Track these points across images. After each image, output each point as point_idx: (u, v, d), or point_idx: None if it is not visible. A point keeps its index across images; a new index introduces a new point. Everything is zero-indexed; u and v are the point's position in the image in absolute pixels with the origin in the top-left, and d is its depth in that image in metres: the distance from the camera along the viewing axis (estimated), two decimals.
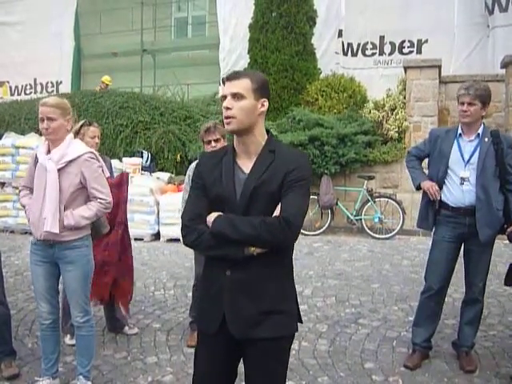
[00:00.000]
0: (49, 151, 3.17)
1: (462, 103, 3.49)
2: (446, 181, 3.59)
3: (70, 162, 3.12)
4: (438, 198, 3.59)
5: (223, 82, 2.05)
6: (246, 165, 2.03)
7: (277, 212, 1.97)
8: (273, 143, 2.07)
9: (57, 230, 3.05)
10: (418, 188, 3.75)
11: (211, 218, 1.99)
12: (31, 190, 3.27)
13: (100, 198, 3.17)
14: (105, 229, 3.48)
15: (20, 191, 3.38)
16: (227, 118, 1.98)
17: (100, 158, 3.30)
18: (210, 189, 2.04)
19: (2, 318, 3.55)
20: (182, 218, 2.09)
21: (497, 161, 3.50)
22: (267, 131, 2.10)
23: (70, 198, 3.12)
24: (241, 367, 2.17)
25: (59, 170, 3.09)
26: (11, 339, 3.69)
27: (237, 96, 1.98)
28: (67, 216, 3.09)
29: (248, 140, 2.03)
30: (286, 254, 2.08)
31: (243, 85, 1.99)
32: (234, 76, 2.02)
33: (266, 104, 2.05)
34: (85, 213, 3.14)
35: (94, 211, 3.16)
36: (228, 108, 1.98)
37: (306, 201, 2.04)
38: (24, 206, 3.29)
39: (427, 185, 3.62)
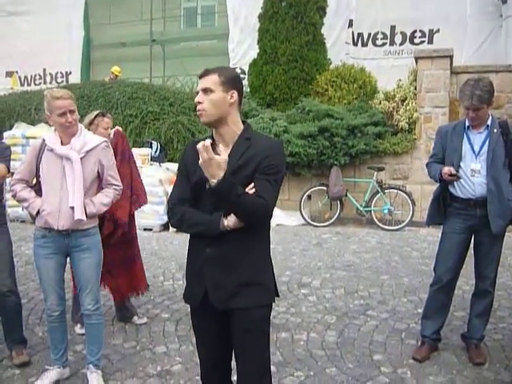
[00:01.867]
0: (62, 142, 3.16)
1: (468, 108, 3.44)
2: (458, 173, 3.54)
3: (90, 150, 3.18)
4: (455, 173, 3.47)
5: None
6: (223, 152, 2.16)
7: (250, 192, 2.12)
8: (249, 132, 2.23)
9: (85, 218, 3.10)
10: (441, 180, 3.59)
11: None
12: (27, 183, 3.26)
13: (115, 185, 3.30)
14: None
15: (13, 185, 3.24)
16: (198, 111, 2.17)
17: (111, 146, 3.41)
18: (192, 175, 2.21)
19: (13, 306, 3.59)
20: (167, 202, 2.34)
21: (506, 151, 3.47)
22: (244, 122, 2.27)
23: (88, 186, 3.18)
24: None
25: (80, 159, 3.13)
26: (22, 328, 3.73)
27: (206, 90, 2.15)
28: (89, 204, 3.14)
29: (223, 130, 2.20)
30: (260, 228, 2.25)
31: (211, 80, 2.16)
32: (204, 73, 2.19)
33: (235, 95, 2.19)
34: (103, 200, 3.23)
35: (111, 197, 3.28)
36: (199, 102, 2.16)
37: (278, 188, 2.21)
38: (25, 200, 3.19)
39: (445, 169, 3.51)
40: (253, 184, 2.12)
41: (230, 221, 2.12)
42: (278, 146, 2.25)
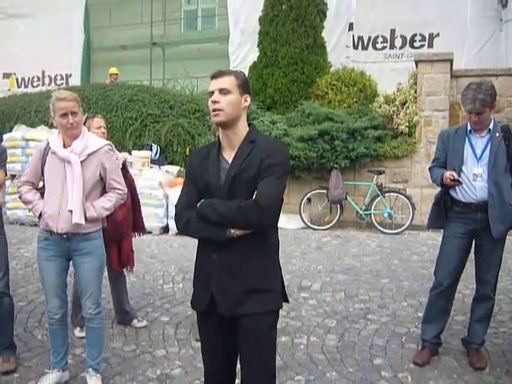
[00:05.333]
0: (64, 145, 3.15)
1: (470, 112, 3.43)
2: (459, 178, 3.54)
3: (91, 154, 3.15)
4: (457, 178, 3.47)
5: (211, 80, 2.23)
6: (229, 155, 2.22)
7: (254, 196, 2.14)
8: (254, 134, 2.25)
9: (83, 222, 3.08)
10: (443, 184, 3.58)
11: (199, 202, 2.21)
12: (33, 185, 3.26)
13: (118, 189, 3.25)
14: (105, 224, 3.49)
15: (19, 187, 3.25)
16: (215, 110, 2.16)
17: (116, 150, 3.37)
18: (199, 179, 2.23)
19: (5, 309, 3.54)
20: (175, 206, 2.30)
21: (508, 156, 3.46)
22: (249, 124, 2.28)
23: (89, 189, 3.15)
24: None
25: (81, 163, 3.10)
26: (13, 333, 3.66)
27: (224, 91, 2.17)
28: (89, 208, 3.12)
29: (231, 132, 2.21)
30: (268, 234, 2.23)
31: (229, 81, 2.18)
32: (219, 74, 2.20)
33: (249, 100, 2.24)
34: (105, 204, 3.20)
35: (113, 202, 3.23)
36: (216, 101, 2.16)
37: (280, 184, 2.17)
38: (30, 202, 3.20)
39: (446, 174, 3.51)
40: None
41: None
42: (280, 145, 2.30)
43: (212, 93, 2.18)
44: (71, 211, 3.06)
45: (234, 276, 2.16)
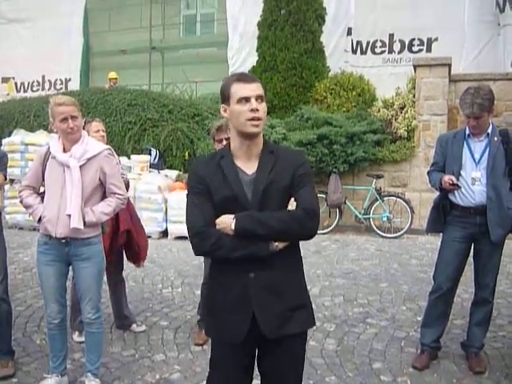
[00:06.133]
0: (64, 149, 3.16)
1: (468, 117, 3.44)
2: (458, 182, 3.54)
3: (91, 158, 3.15)
4: (456, 182, 3.48)
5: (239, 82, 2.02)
6: (246, 166, 2.05)
7: (291, 206, 2.03)
8: (271, 145, 2.13)
9: (82, 226, 3.07)
10: (441, 188, 3.59)
11: (227, 219, 1.98)
12: (34, 190, 3.26)
13: (118, 194, 3.23)
14: (106, 228, 3.49)
15: (21, 191, 3.26)
16: (256, 119, 1.97)
17: (116, 154, 3.35)
18: (216, 192, 2.02)
19: (4, 314, 3.53)
20: (191, 224, 2.02)
21: (507, 160, 3.47)
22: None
23: (89, 194, 3.14)
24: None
25: (80, 167, 3.10)
26: (11, 338, 3.65)
27: (260, 98, 2.00)
28: (88, 213, 3.11)
29: (255, 143, 2.05)
30: (298, 246, 2.13)
31: (261, 88, 2.02)
32: (252, 78, 2.03)
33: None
34: (105, 209, 3.18)
35: (113, 207, 3.22)
36: (256, 109, 1.97)
37: (315, 192, 2.10)
38: (30, 206, 3.21)
39: (445, 178, 3.51)
40: (292, 199, 2.03)
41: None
42: (303, 154, 2.20)
43: (247, 99, 1.97)
44: (69, 215, 3.06)
45: (276, 294, 2.01)
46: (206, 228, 1.99)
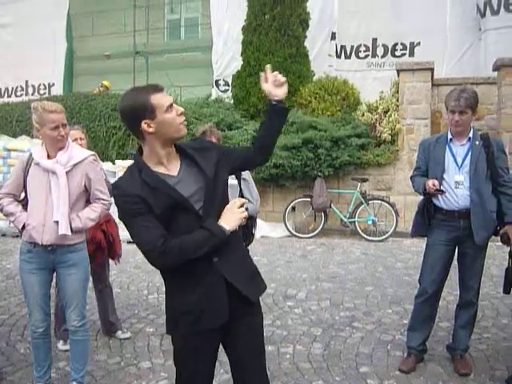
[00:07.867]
0: (48, 156, 3.13)
1: (453, 112, 3.47)
2: (441, 186, 3.57)
3: (76, 164, 3.14)
4: (440, 188, 3.51)
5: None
6: (169, 170, 2.08)
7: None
8: (176, 144, 2.16)
9: (70, 233, 3.06)
10: (425, 193, 3.60)
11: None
12: (15, 197, 3.22)
13: (102, 199, 3.24)
14: (87, 235, 3.48)
15: (0, 199, 3.20)
16: (185, 121, 2.13)
17: (99, 160, 3.36)
18: (158, 205, 1.99)
19: None
20: (149, 247, 2.01)
21: (488, 164, 3.51)
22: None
23: (74, 200, 3.13)
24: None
25: (66, 173, 3.09)
26: None
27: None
28: (75, 219, 3.11)
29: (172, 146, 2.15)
30: None
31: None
32: (160, 86, 2.09)
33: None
34: (90, 215, 3.19)
35: (98, 212, 3.23)
36: (183, 114, 2.10)
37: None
38: (12, 214, 3.17)
39: (429, 183, 3.53)
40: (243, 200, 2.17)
41: (227, 224, 2.05)
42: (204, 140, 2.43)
43: (171, 105, 2.05)
44: (57, 222, 3.03)
45: (239, 266, 2.18)
46: (167, 243, 1.98)
